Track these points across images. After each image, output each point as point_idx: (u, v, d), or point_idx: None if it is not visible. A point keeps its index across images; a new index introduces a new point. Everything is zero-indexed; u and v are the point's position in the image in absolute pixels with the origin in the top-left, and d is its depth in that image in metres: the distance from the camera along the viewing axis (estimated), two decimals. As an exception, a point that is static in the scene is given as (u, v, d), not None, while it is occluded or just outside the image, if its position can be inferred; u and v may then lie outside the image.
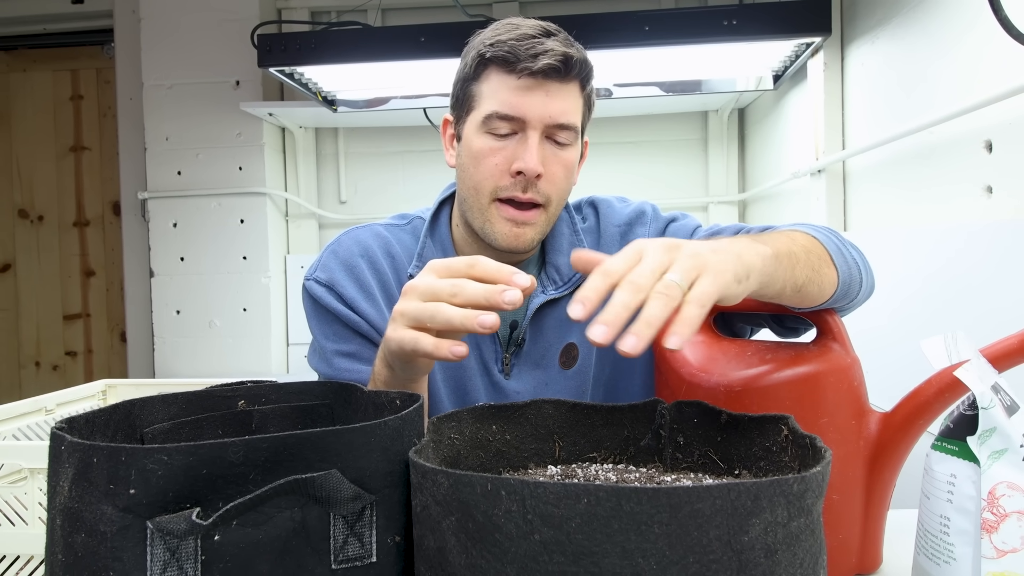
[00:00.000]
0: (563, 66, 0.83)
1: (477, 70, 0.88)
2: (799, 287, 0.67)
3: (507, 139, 0.86)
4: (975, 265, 1.14)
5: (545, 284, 0.94)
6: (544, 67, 0.82)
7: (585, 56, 0.86)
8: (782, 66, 1.95)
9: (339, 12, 2.39)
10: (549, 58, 0.82)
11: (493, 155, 0.86)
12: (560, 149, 0.87)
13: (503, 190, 0.86)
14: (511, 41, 0.84)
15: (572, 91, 0.86)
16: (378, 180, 2.51)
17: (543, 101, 0.84)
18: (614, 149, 2.46)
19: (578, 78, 0.86)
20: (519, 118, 0.84)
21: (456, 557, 0.42)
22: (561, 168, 0.87)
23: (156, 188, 2.35)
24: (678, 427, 0.61)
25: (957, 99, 1.23)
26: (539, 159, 0.84)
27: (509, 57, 0.83)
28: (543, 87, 0.84)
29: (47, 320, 2.76)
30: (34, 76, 2.72)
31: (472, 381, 0.93)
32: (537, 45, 0.83)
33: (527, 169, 0.84)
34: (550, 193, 0.87)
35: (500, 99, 0.85)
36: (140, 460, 0.42)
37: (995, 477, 0.55)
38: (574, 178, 0.93)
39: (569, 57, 0.83)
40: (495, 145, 0.86)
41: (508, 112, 0.85)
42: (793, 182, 1.94)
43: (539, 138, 0.85)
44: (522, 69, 0.83)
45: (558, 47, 0.83)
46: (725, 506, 0.38)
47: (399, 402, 0.58)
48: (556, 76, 0.84)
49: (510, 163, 0.85)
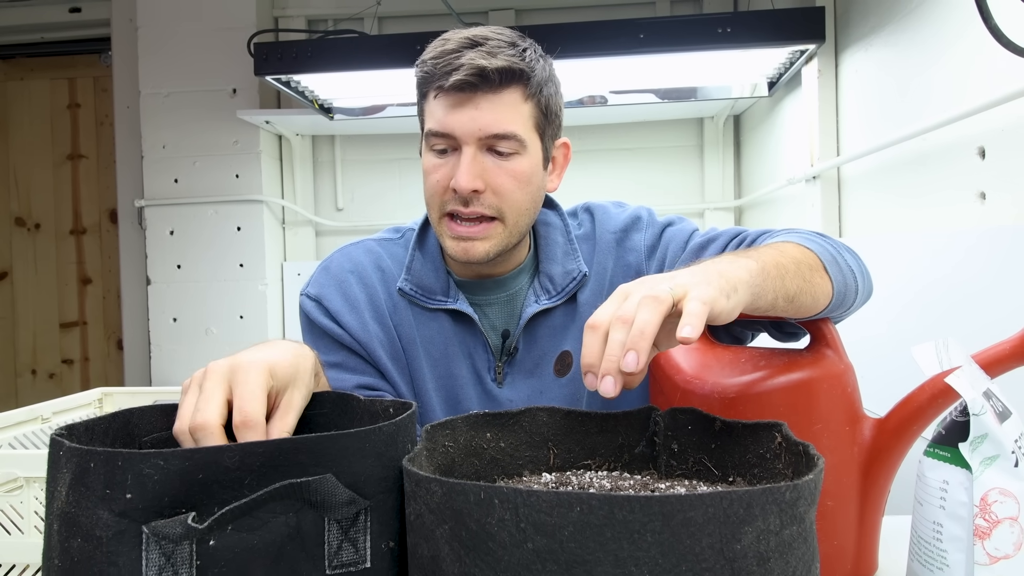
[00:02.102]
0: (477, 79, 0.81)
1: (420, 89, 0.88)
2: (791, 298, 0.67)
3: (447, 156, 0.86)
4: (969, 271, 1.14)
5: (538, 294, 0.94)
6: (456, 83, 0.81)
7: (515, 62, 0.82)
8: (777, 73, 1.96)
9: (335, 20, 2.40)
10: (461, 73, 0.81)
11: (436, 171, 0.87)
12: (504, 160, 0.85)
13: (447, 204, 0.87)
14: (431, 59, 0.83)
15: (509, 99, 0.84)
16: (375, 187, 2.52)
17: (472, 116, 0.83)
18: (610, 156, 2.47)
19: (514, 84, 0.84)
20: (449, 134, 0.84)
21: (450, 566, 0.42)
22: (507, 178, 0.86)
23: (153, 196, 2.35)
24: (672, 434, 0.61)
25: (950, 106, 1.24)
26: (473, 174, 0.84)
27: (427, 76, 0.84)
28: (471, 101, 0.82)
29: (43, 328, 2.76)
30: (31, 84, 2.72)
31: (464, 390, 0.93)
32: (454, 60, 0.81)
33: (458, 187, 0.84)
34: (500, 205, 0.86)
35: (435, 117, 0.85)
36: (136, 465, 0.42)
37: (987, 483, 0.55)
38: (543, 184, 0.92)
39: (483, 68, 0.80)
40: (437, 162, 0.87)
41: (438, 129, 0.84)
42: (788, 188, 1.95)
43: (473, 153, 0.84)
44: (437, 87, 0.83)
45: (475, 60, 0.81)
46: (717, 514, 0.38)
47: (393, 410, 0.58)
48: (487, 86, 0.82)
49: (449, 179, 0.85)
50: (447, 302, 0.93)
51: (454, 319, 0.94)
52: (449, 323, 0.94)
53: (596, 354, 0.55)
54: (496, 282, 0.95)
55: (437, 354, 0.94)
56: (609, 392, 0.53)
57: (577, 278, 0.94)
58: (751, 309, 0.64)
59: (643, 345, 0.53)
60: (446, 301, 0.93)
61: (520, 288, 0.96)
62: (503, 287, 0.95)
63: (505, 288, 0.95)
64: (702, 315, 0.53)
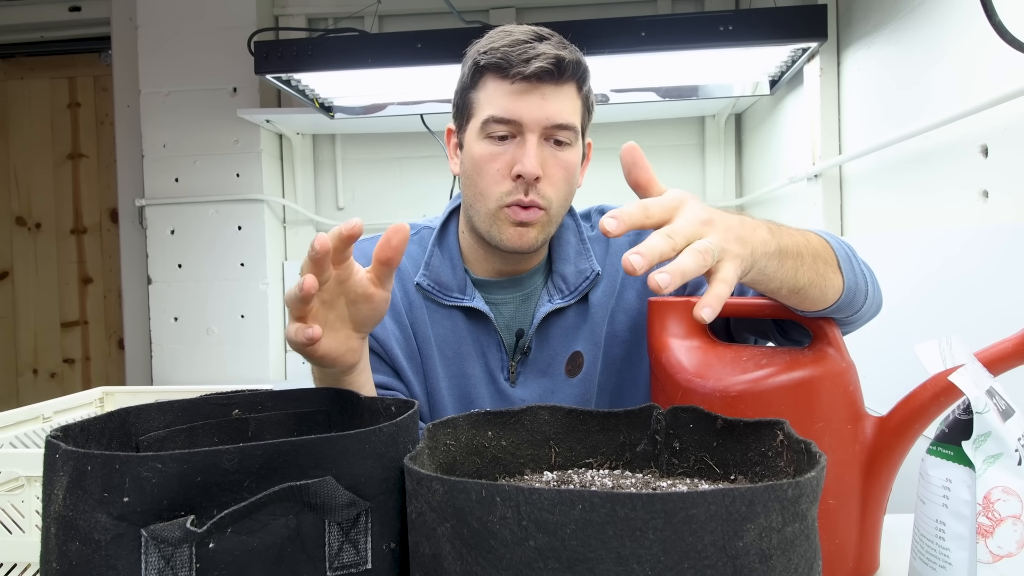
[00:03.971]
0: (555, 68, 0.84)
1: (474, 78, 0.89)
2: (798, 288, 0.67)
3: (506, 143, 0.87)
4: (971, 269, 1.14)
5: (552, 293, 0.95)
6: (536, 70, 0.83)
7: (579, 58, 0.87)
8: (778, 71, 1.96)
9: (336, 19, 2.40)
10: (541, 61, 0.83)
11: (494, 160, 0.87)
12: (560, 150, 0.88)
13: (507, 195, 0.87)
14: (504, 47, 0.85)
15: (568, 92, 0.87)
16: (376, 186, 2.51)
17: (539, 104, 0.85)
18: (612, 154, 2.45)
19: (573, 79, 0.87)
20: (515, 121, 0.86)
21: (451, 564, 0.42)
22: (561, 170, 0.88)
23: (153, 195, 2.35)
24: (674, 432, 0.61)
25: (953, 104, 1.24)
26: (538, 162, 0.85)
27: (502, 63, 0.85)
28: (538, 90, 0.85)
29: (45, 328, 2.76)
30: (31, 84, 2.72)
31: (477, 390, 0.93)
32: (529, 50, 0.84)
33: (526, 172, 0.85)
34: (550, 195, 0.88)
35: (496, 104, 0.86)
36: (134, 468, 0.42)
37: (990, 481, 0.55)
38: (578, 180, 0.93)
39: (561, 59, 0.84)
40: (495, 150, 0.87)
41: (504, 115, 0.86)
42: (790, 187, 1.95)
43: (537, 141, 0.86)
44: (515, 74, 0.84)
45: (550, 50, 0.84)
46: (720, 511, 0.38)
47: (394, 408, 0.58)
48: (550, 79, 0.85)
49: (510, 167, 0.86)
50: (463, 299, 0.93)
51: (468, 317, 0.94)
52: (463, 321, 0.94)
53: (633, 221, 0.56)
54: (513, 281, 0.95)
55: (450, 353, 0.94)
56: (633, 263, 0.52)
57: (590, 277, 0.95)
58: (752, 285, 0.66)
59: (676, 281, 0.53)
60: (462, 299, 0.93)
61: (535, 288, 0.96)
62: (519, 286, 0.95)
63: (521, 287, 0.96)
64: (723, 299, 0.55)
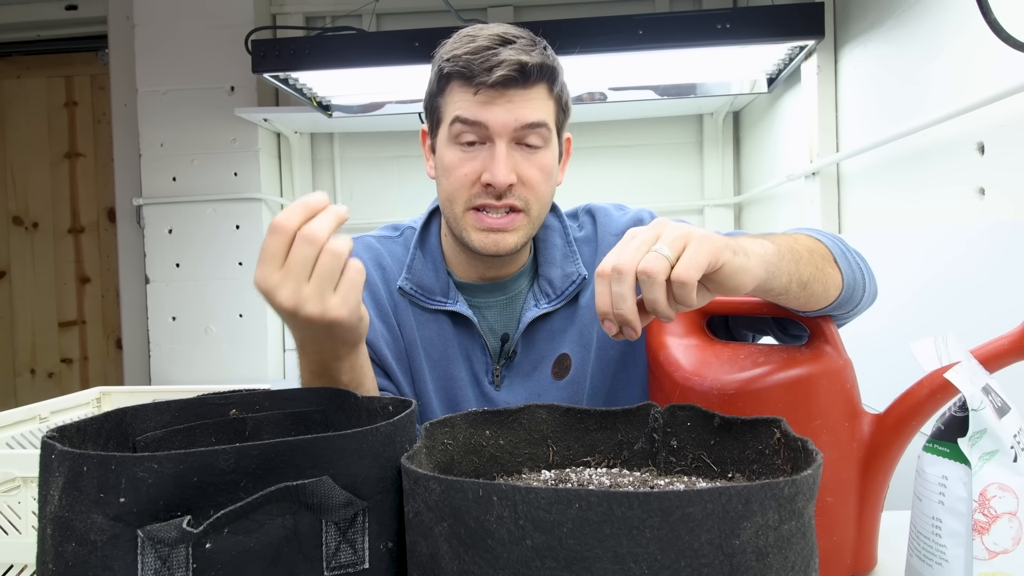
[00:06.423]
0: (519, 75, 0.82)
1: (440, 84, 0.88)
2: (804, 283, 0.67)
3: (475, 149, 0.86)
4: (968, 266, 1.14)
5: (538, 298, 0.94)
6: (499, 79, 0.82)
7: (546, 59, 0.85)
8: (776, 69, 1.96)
9: (333, 17, 2.39)
10: (504, 69, 0.82)
11: (462, 166, 0.86)
12: (533, 152, 0.86)
13: (475, 198, 0.86)
14: (466, 55, 0.83)
15: (538, 94, 0.85)
16: (374, 185, 2.51)
17: (506, 109, 0.84)
18: (609, 153, 2.47)
19: (542, 80, 0.85)
20: (482, 124, 0.84)
21: (448, 563, 0.42)
22: (536, 171, 0.87)
23: (151, 194, 2.35)
24: (672, 431, 0.61)
25: (949, 101, 1.24)
26: (508, 168, 0.84)
27: (465, 72, 0.83)
28: (504, 96, 0.84)
29: (42, 327, 2.75)
30: (28, 82, 2.71)
31: (463, 392, 0.93)
32: (492, 57, 0.82)
33: (495, 182, 0.84)
34: (528, 197, 0.87)
35: (465, 109, 0.85)
36: (130, 468, 0.42)
37: (986, 478, 0.55)
38: (557, 178, 0.92)
39: (524, 64, 0.82)
40: (464, 156, 0.86)
41: (470, 117, 0.84)
42: (788, 185, 1.95)
43: (507, 146, 0.85)
44: (478, 83, 0.83)
45: (513, 56, 0.82)
46: (716, 510, 0.38)
47: (392, 408, 0.58)
48: (516, 84, 0.83)
49: (479, 174, 0.85)
50: (446, 303, 0.93)
51: (453, 321, 0.94)
52: (448, 325, 0.93)
53: (607, 299, 0.60)
54: (496, 285, 0.95)
55: (436, 355, 0.94)
56: (609, 333, 0.60)
57: (576, 281, 0.94)
58: (765, 290, 0.64)
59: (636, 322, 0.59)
60: (445, 302, 0.93)
61: (520, 291, 0.96)
62: (503, 290, 0.95)
63: (505, 291, 0.95)
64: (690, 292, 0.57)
